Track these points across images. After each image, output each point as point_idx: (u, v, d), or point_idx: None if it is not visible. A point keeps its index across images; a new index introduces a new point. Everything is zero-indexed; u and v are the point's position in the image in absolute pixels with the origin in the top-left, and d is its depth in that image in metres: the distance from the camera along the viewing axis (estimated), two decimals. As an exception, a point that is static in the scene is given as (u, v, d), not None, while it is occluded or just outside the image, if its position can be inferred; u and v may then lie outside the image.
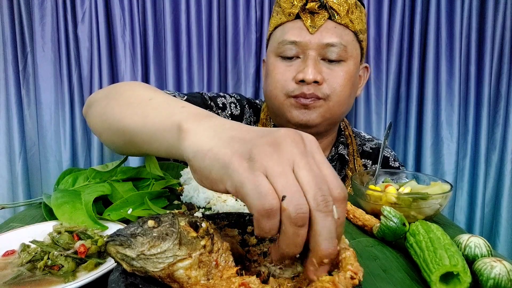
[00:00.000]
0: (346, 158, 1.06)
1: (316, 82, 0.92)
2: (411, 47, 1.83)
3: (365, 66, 1.07)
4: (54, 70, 1.77)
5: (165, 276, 0.39)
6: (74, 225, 0.56)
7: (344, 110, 1.01)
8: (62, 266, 0.48)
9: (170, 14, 1.75)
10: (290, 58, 0.96)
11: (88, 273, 0.47)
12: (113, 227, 0.58)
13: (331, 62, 0.94)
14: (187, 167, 0.80)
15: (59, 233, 0.53)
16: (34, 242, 0.52)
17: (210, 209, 0.70)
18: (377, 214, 0.63)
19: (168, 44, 1.76)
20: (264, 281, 0.43)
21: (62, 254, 0.49)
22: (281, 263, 0.41)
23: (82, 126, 1.82)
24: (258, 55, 1.81)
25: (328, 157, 1.08)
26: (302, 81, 0.92)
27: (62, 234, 0.53)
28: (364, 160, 1.12)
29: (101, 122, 0.70)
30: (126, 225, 0.46)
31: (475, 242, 0.52)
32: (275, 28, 1.00)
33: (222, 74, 1.84)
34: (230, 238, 0.49)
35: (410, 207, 0.65)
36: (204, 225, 0.43)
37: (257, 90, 1.83)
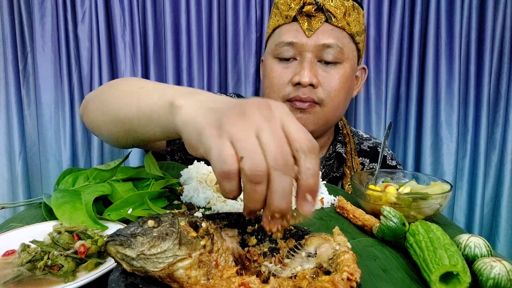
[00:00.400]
0: (344, 156, 1.07)
1: (311, 85, 0.93)
2: (411, 47, 1.83)
3: (362, 67, 1.08)
4: (54, 70, 1.77)
5: (165, 276, 0.39)
6: (74, 225, 0.56)
7: (338, 114, 1.03)
8: (62, 266, 0.48)
9: (170, 14, 1.75)
10: (287, 60, 0.97)
11: (88, 273, 0.47)
12: (113, 227, 0.58)
13: (328, 64, 0.96)
14: (187, 167, 0.80)
15: (59, 233, 0.53)
16: (34, 242, 0.52)
17: (210, 209, 0.70)
18: (377, 214, 0.63)
19: (168, 44, 1.77)
20: (264, 281, 0.43)
21: (62, 254, 0.49)
22: (250, 216, 0.44)
23: (82, 126, 1.81)
24: (258, 55, 1.81)
25: (325, 155, 1.09)
26: (299, 83, 0.93)
27: (62, 234, 0.53)
28: (361, 158, 1.12)
29: (101, 116, 0.75)
30: (126, 225, 0.46)
31: (475, 242, 0.52)
32: (273, 30, 1.01)
33: (222, 74, 1.84)
34: (230, 238, 0.49)
35: (410, 207, 0.65)
36: (204, 225, 0.43)
37: (257, 90, 1.83)
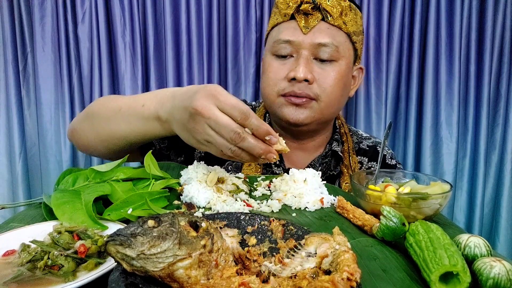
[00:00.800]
0: (340, 155, 1.07)
1: (306, 80, 0.95)
2: (411, 47, 1.83)
3: (359, 67, 1.09)
4: (54, 70, 1.77)
5: (165, 275, 0.39)
6: (74, 225, 0.56)
7: (334, 110, 1.04)
8: (62, 266, 0.48)
9: (170, 14, 1.75)
10: (284, 57, 1.00)
11: (88, 273, 0.47)
12: (113, 227, 0.58)
13: (323, 62, 0.97)
14: (187, 167, 0.80)
15: (59, 233, 0.53)
16: (34, 242, 0.52)
17: (210, 209, 0.70)
18: (377, 214, 0.63)
19: (168, 44, 1.77)
20: (264, 281, 0.43)
21: (62, 254, 0.49)
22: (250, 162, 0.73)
23: (82, 126, 1.82)
24: (258, 55, 1.81)
25: (322, 153, 1.09)
26: (294, 79, 0.95)
27: (62, 234, 0.53)
28: (360, 157, 1.12)
29: (97, 139, 0.91)
30: (126, 225, 0.46)
31: (475, 242, 0.52)
32: (272, 28, 1.04)
33: (222, 74, 1.84)
34: (230, 238, 0.49)
35: (409, 207, 0.65)
36: (204, 225, 0.43)
37: (257, 90, 1.83)
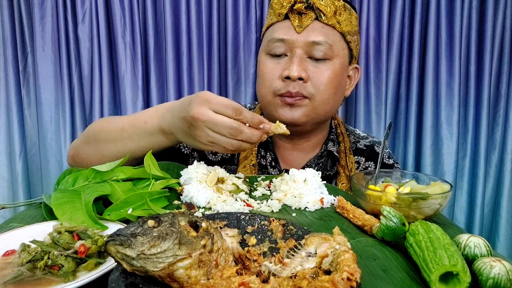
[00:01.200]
0: (336, 155, 1.06)
1: (301, 79, 0.95)
2: (411, 47, 1.83)
3: (355, 67, 1.09)
4: (54, 70, 1.78)
5: (165, 275, 0.39)
6: (74, 225, 0.56)
7: (329, 109, 1.03)
8: (62, 266, 0.48)
9: (170, 14, 1.75)
10: (278, 56, 1.00)
11: (88, 273, 0.48)
12: (113, 227, 0.58)
13: (317, 60, 0.98)
14: (187, 167, 0.81)
15: (59, 233, 0.53)
16: (34, 242, 0.52)
17: (210, 209, 0.70)
18: (377, 214, 0.63)
19: (168, 44, 1.77)
20: (264, 280, 0.43)
21: (62, 254, 0.49)
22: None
23: (83, 126, 1.82)
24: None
25: (318, 154, 1.09)
26: (288, 78, 0.95)
27: (62, 234, 0.53)
28: (357, 157, 1.12)
29: (103, 160, 0.89)
30: (126, 225, 0.46)
31: (475, 242, 0.52)
32: (267, 28, 1.04)
33: (222, 74, 1.84)
34: (230, 238, 0.49)
35: (409, 207, 0.65)
36: (204, 225, 0.43)
37: (257, 90, 1.83)
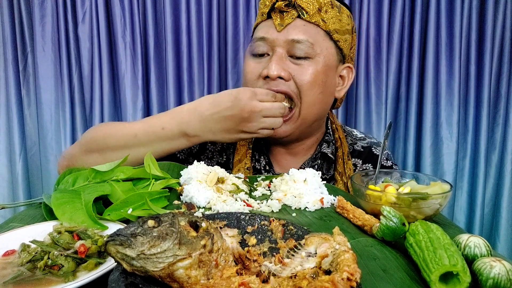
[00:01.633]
0: (330, 157, 1.05)
1: (281, 78, 0.94)
2: (411, 47, 1.83)
3: (348, 67, 1.05)
4: (54, 70, 1.77)
5: (165, 275, 0.39)
6: (74, 225, 0.56)
7: (316, 111, 0.99)
8: (62, 266, 0.48)
9: (170, 14, 1.75)
10: (261, 56, 0.99)
11: (88, 273, 0.48)
12: (113, 227, 0.58)
13: (299, 59, 0.96)
14: (187, 167, 0.81)
15: (59, 233, 0.53)
16: (34, 242, 0.52)
17: (210, 209, 0.70)
18: (377, 214, 0.63)
19: (168, 44, 1.77)
20: (264, 280, 0.43)
21: (62, 254, 0.49)
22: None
23: (83, 126, 1.82)
24: (258, 55, 1.81)
25: (312, 156, 1.08)
26: (267, 77, 0.94)
27: (62, 234, 0.53)
28: (354, 159, 1.09)
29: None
30: (126, 225, 0.46)
31: (475, 242, 0.52)
32: (254, 29, 1.04)
33: (222, 74, 1.84)
34: (230, 238, 0.49)
35: (410, 207, 0.65)
36: (204, 225, 0.43)
37: (257, 90, 1.83)
